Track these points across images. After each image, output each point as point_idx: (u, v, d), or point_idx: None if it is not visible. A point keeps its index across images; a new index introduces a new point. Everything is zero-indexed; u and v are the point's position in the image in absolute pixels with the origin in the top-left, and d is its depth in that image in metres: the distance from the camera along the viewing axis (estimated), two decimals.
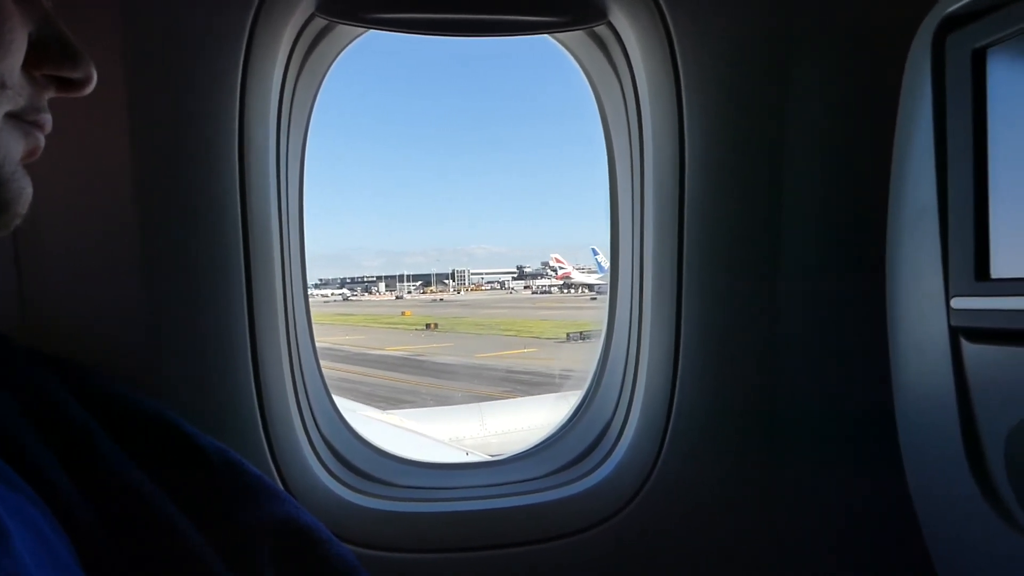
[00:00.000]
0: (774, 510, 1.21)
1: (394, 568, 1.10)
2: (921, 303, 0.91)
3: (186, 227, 1.01)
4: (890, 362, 0.99)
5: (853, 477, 1.20)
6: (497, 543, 1.14)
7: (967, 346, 0.85)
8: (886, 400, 1.00)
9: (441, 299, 49.43)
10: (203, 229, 1.01)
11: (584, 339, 23.99)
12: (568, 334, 24.87)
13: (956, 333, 0.86)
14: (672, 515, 1.17)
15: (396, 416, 6.73)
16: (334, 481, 1.14)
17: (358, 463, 1.20)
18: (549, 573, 1.15)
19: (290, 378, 1.12)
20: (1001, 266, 0.80)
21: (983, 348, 0.83)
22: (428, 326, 31.05)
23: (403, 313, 37.72)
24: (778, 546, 1.22)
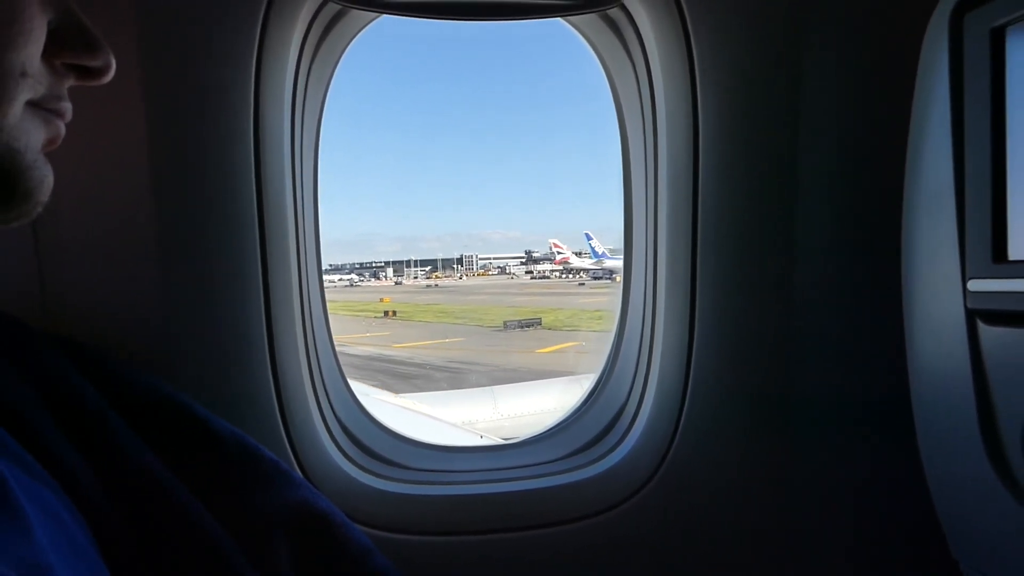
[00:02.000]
0: (788, 494, 1.21)
1: (410, 550, 1.11)
2: (937, 286, 0.90)
3: (202, 214, 1.01)
4: (906, 346, 0.98)
5: (868, 461, 1.20)
6: (512, 526, 1.15)
7: (984, 329, 0.84)
8: (901, 384, 0.99)
9: (436, 284, 49.47)
10: (219, 216, 1.01)
11: (521, 327, 24.17)
12: (505, 322, 25.00)
13: (973, 316, 0.85)
14: (686, 499, 1.18)
15: (409, 399, 6.76)
16: (350, 464, 1.15)
17: (374, 446, 1.21)
18: (564, 556, 1.16)
19: (306, 363, 1.13)
20: (1019, 247, 0.79)
21: (1000, 331, 0.82)
22: (386, 313, 31.19)
23: (381, 299, 37.59)
24: (792, 529, 1.22)
